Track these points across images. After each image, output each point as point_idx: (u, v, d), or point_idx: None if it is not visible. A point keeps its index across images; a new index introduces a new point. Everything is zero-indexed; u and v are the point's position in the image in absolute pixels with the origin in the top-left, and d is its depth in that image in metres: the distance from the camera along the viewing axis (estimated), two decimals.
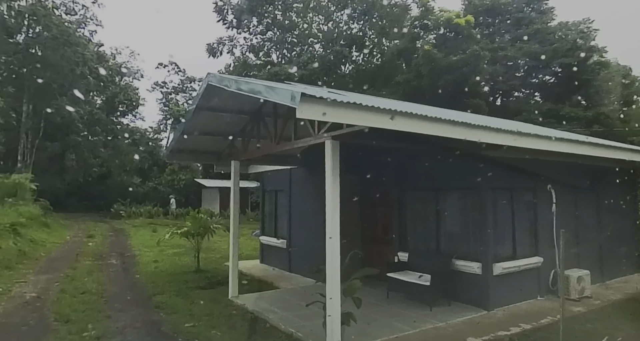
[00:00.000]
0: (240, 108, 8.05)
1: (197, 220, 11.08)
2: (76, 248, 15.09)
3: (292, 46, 34.62)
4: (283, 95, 4.81)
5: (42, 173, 34.51)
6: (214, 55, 34.64)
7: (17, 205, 18.43)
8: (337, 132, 5.57)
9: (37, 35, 28.38)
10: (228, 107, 8.05)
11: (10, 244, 12.01)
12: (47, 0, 28.71)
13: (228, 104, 7.89)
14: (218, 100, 7.72)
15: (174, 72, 44.01)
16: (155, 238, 18.56)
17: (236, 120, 8.60)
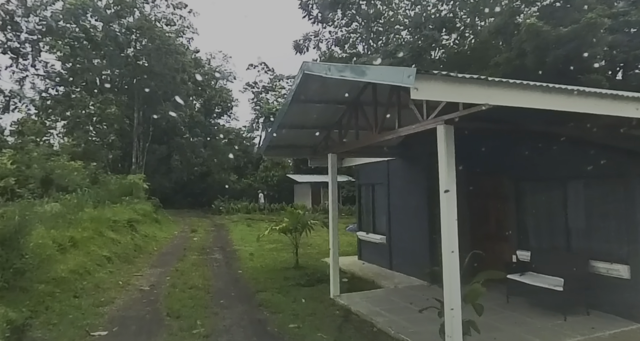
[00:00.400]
0: (337, 97, 7.63)
1: (294, 216, 10.97)
2: (183, 243, 15.99)
3: (377, 35, 33.76)
4: (393, 74, 4.25)
5: (153, 173, 37.77)
6: (301, 51, 35.06)
7: (132, 203, 20.13)
8: (452, 115, 4.84)
9: (143, 47, 30.93)
10: (324, 98, 7.68)
11: (128, 239, 13.00)
12: (150, 15, 31.17)
13: (324, 94, 7.52)
14: (314, 90, 7.37)
15: (264, 72, 45.54)
16: (252, 233, 19.13)
17: (332, 111, 8.21)
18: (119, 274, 9.73)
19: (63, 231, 9.86)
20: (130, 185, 22.43)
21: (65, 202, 13.91)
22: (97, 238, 11.00)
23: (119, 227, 13.49)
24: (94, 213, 13.20)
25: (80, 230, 10.73)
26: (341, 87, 7.27)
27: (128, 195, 21.44)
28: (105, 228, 12.47)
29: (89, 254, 9.62)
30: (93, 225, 11.64)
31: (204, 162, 39.20)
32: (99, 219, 12.59)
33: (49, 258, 7.91)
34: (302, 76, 7.03)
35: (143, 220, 18.11)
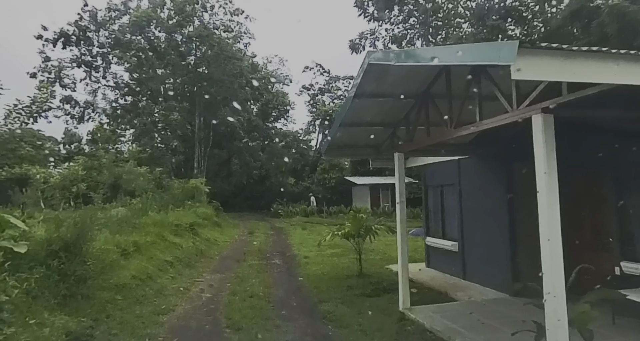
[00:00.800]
0: (405, 90, 6.91)
1: (357, 221, 10.31)
2: (243, 247, 15.88)
3: (436, 30, 32.37)
4: (484, 52, 3.51)
5: (214, 177, 38.75)
6: (357, 51, 34.40)
7: (194, 206, 20.47)
8: (552, 102, 4.00)
9: (203, 55, 31.78)
10: (390, 91, 6.99)
11: (190, 243, 13.01)
12: (209, 23, 31.97)
13: (390, 87, 6.83)
14: (379, 83, 6.71)
15: (319, 73, 45.39)
16: (311, 237, 18.72)
17: (399, 106, 7.51)
18: (180, 279, 9.60)
19: (127, 236, 9.91)
20: (192, 189, 22.89)
21: (130, 206, 14.24)
22: (160, 243, 11.01)
23: (181, 231, 13.56)
24: (157, 217, 13.35)
25: (144, 234, 10.77)
26: (410, 78, 6.56)
27: (190, 199, 21.86)
28: (168, 232, 12.54)
29: (151, 259, 9.58)
30: (156, 229, 11.70)
31: (262, 166, 39.66)
32: (162, 223, 12.68)
33: (112, 264, 7.86)
34: (367, 67, 6.38)
35: (204, 223, 18.28)
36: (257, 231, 22.40)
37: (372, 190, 34.69)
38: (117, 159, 22.23)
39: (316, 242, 16.94)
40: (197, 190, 23.20)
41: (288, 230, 22.70)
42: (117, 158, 22.85)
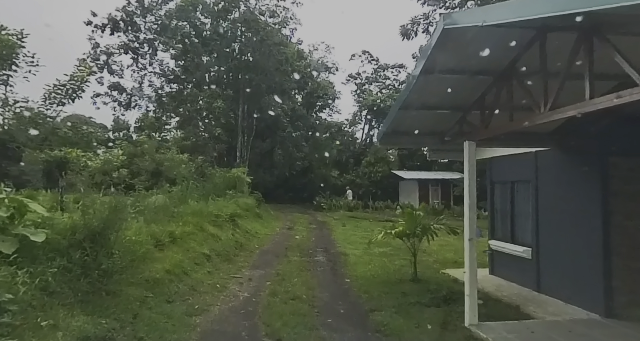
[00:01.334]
0: (484, 65, 5.72)
1: (413, 219, 9.14)
2: (285, 241, 15.10)
3: None
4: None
5: (256, 168, 38.34)
6: (408, 37, 32.75)
7: (235, 196, 19.95)
8: None
9: (248, 41, 31.21)
10: (465, 66, 5.82)
11: (229, 235, 12.34)
12: (255, 8, 31.30)
13: (466, 60, 5.66)
14: (453, 55, 5.57)
15: (367, 62, 43.89)
16: (357, 233, 17.71)
17: (473, 85, 6.32)
18: (217, 275, 8.86)
19: (164, 225, 9.29)
20: (233, 178, 22.42)
21: (170, 194, 13.78)
22: (198, 234, 10.36)
23: (220, 221, 12.92)
24: (197, 206, 12.77)
25: (181, 224, 10.15)
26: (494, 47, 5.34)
27: (231, 189, 21.39)
28: (207, 222, 11.90)
29: (187, 251, 8.90)
30: (195, 219, 11.08)
31: (305, 157, 38.90)
32: (201, 213, 12.07)
33: (144, 257, 7.19)
34: (441, 35, 5.23)
35: (245, 214, 17.70)
36: (299, 224, 21.63)
37: (420, 186, 33.13)
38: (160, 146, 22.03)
39: (362, 238, 15.96)
40: (239, 180, 22.70)
41: (331, 224, 21.78)
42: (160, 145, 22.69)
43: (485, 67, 5.87)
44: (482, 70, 5.95)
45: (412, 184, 33.69)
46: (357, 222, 23.07)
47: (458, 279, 9.54)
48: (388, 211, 28.99)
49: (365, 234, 17.14)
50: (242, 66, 31.62)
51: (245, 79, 31.16)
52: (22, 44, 8.42)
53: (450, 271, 10.24)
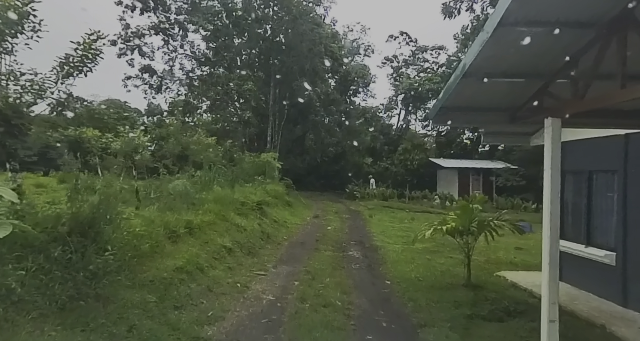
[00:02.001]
0: (584, 11, 4.22)
1: (468, 213, 7.67)
2: (316, 232, 13.91)
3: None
4: None
5: (287, 154, 37.28)
6: (450, 15, 30.74)
7: (264, 183, 18.91)
8: None
9: (280, 20, 29.82)
10: (553, 14, 4.30)
11: (255, 225, 11.24)
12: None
13: (556, 7, 4.17)
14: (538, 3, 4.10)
15: (405, 43, 41.65)
16: (394, 225, 16.34)
17: (563, 43, 4.76)
18: (239, 272, 7.74)
19: (181, 214, 8.26)
20: (263, 164, 21.38)
21: (193, 179, 12.81)
22: (219, 224, 9.27)
23: (246, 210, 11.83)
24: (221, 192, 11.72)
25: (201, 213, 9.10)
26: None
27: (261, 175, 20.37)
28: (231, 211, 10.82)
29: (206, 244, 7.82)
30: (217, 207, 10.00)
31: (338, 143, 37.52)
32: (225, 200, 11.00)
33: (152, 251, 6.13)
34: None
35: (274, 202, 16.61)
36: (331, 213, 20.42)
37: (460, 175, 31.20)
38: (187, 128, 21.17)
39: (400, 231, 14.60)
40: (269, 166, 21.64)
41: (365, 214, 20.43)
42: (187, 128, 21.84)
43: (586, 15, 4.34)
44: (582, 19, 4.43)
45: (451, 173, 31.80)
46: (392, 212, 21.64)
47: (518, 284, 8.10)
48: (425, 201, 27.35)
49: (404, 226, 15.76)
50: (273, 48, 30.32)
51: (276, 62, 29.92)
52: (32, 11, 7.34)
53: (506, 274, 8.77)
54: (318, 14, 31.25)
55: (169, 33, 32.92)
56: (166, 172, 14.87)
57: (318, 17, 31.14)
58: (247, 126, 29.81)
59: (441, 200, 26.46)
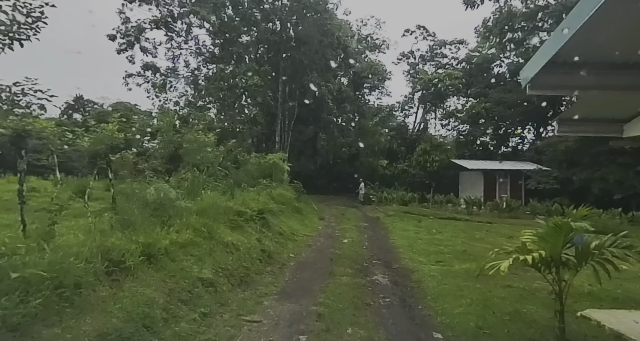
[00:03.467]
0: None
1: (559, 233, 5.03)
2: (329, 247, 11.46)
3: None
4: None
5: (298, 155, 35.04)
6: (473, 5, 28.29)
7: (270, 187, 16.57)
8: None
9: (289, 9, 27.52)
10: None
11: (252, 242, 8.83)
12: None
13: None
14: None
15: (422, 38, 39.05)
16: (421, 236, 13.82)
17: None
18: (218, 320, 5.30)
19: (146, 232, 5.92)
20: (270, 165, 19.04)
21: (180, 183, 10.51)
22: (201, 244, 6.88)
23: (243, 221, 9.45)
24: (212, 200, 9.35)
25: (177, 229, 6.73)
26: None
27: (267, 178, 18.04)
28: (222, 224, 8.47)
29: (172, 278, 5.42)
30: (202, 220, 7.64)
31: (351, 143, 35.05)
32: (215, 210, 8.65)
33: (59, 306, 3.75)
34: None
35: (281, 210, 14.25)
36: (346, 221, 17.97)
37: (486, 177, 28.49)
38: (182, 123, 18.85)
39: (431, 244, 12.09)
40: (276, 167, 19.30)
41: (385, 222, 17.92)
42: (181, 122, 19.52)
43: None
44: None
45: (476, 175, 29.13)
46: (416, 219, 19.07)
47: (623, 335, 5.55)
48: (450, 207, 24.70)
49: (434, 239, 13.24)
50: (282, 41, 27.98)
51: (285, 56, 27.59)
52: None
53: (595, 315, 6.18)
54: (330, 3, 28.82)
55: (171, 27, 30.91)
56: (153, 174, 12.63)
57: (330, 7, 28.70)
58: (254, 125, 27.45)
59: (468, 205, 23.79)
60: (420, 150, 33.85)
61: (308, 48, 27.70)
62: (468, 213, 23.10)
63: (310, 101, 29.98)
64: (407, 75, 40.22)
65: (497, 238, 14.38)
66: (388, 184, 33.28)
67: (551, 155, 27.39)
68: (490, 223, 19.44)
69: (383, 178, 35.01)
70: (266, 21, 29.17)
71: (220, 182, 14.14)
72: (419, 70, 38.86)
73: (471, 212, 23.30)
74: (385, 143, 36.95)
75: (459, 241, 13.10)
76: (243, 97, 27.87)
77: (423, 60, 39.80)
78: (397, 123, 39.96)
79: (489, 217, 21.98)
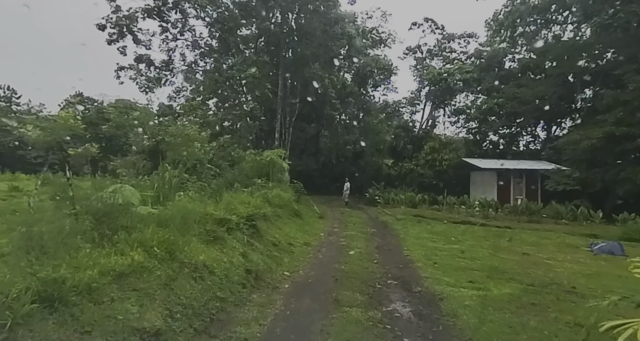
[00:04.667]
0: None
1: None
2: (333, 261, 9.49)
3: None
4: None
5: (300, 154, 33.13)
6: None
7: (266, 187, 14.65)
8: None
9: None
10: None
11: (235, 259, 6.87)
12: None
13: None
14: None
15: (430, 31, 37.02)
16: (441, 246, 11.89)
17: None
18: None
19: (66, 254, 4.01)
20: (266, 163, 17.11)
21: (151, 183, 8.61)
22: (156, 268, 4.94)
23: (224, 232, 7.51)
24: (186, 205, 7.42)
25: (120, 249, 4.81)
26: None
27: (263, 177, 16.13)
28: (195, 236, 6.53)
29: (85, 335, 3.51)
30: (164, 232, 5.71)
31: (356, 141, 33.10)
32: (186, 218, 6.70)
33: None
34: None
35: (277, 213, 12.35)
36: (352, 226, 16.01)
37: (500, 178, 26.46)
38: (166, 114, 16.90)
39: (455, 256, 10.13)
40: (274, 165, 17.36)
41: (396, 227, 15.94)
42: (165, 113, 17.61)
43: None
44: None
45: (489, 175, 27.09)
46: (428, 224, 17.13)
47: None
48: (462, 209, 22.68)
49: (455, 249, 11.30)
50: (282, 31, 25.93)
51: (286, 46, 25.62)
52: None
53: None
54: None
55: (165, 16, 29.01)
56: (128, 172, 10.74)
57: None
58: (252, 120, 25.43)
59: (483, 207, 21.81)
60: (428, 148, 31.90)
61: (310, 39, 25.74)
62: (483, 216, 21.12)
63: (312, 98, 28.04)
64: (414, 70, 38.23)
65: (524, 247, 12.51)
66: (394, 184, 31.34)
67: (571, 153, 25.30)
68: (510, 229, 17.47)
69: (388, 178, 33.06)
70: (266, 10, 27.20)
71: (208, 182, 12.31)
72: (426, 66, 36.83)
73: (487, 215, 21.31)
74: (391, 142, 34.96)
75: (484, 252, 11.15)
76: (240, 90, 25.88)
77: (430, 55, 37.80)
78: (404, 121, 37.94)
79: (506, 220, 19.97)
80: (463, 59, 37.83)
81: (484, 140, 35.60)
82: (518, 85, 31.62)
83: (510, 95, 31.36)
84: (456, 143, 33.35)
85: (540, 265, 10.02)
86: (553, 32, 33.13)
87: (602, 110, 25.03)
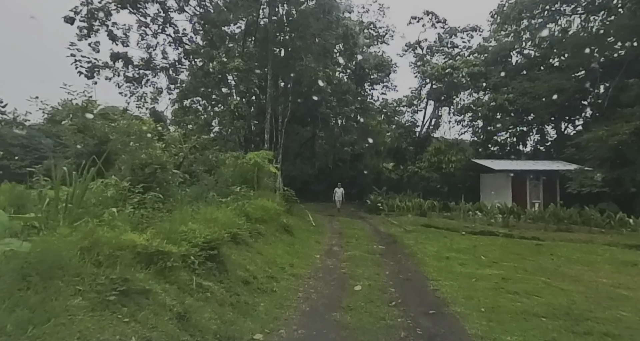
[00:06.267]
0: None
1: None
2: (331, 308, 6.51)
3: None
4: None
5: (294, 158, 30.35)
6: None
7: (247, 196, 11.79)
8: None
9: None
10: None
11: (163, 326, 4.06)
12: None
13: None
14: None
15: (430, 25, 34.39)
16: (470, 270, 9.05)
17: None
18: None
19: None
20: (250, 167, 14.26)
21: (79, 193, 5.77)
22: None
23: (147, 278, 4.63)
24: (90, 229, 4.57)
25: None
26: None
27: (244, 184, 13.28)
28: (83, 293, 3.67)
29: None
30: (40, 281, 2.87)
31: (354, 142, 30.35)
32: (57, 261, 3.86)
33: None
34: None
35: (257, 231, 9.48)
36: (354, 242, 13.15)
37: (515, 180, 23.70)
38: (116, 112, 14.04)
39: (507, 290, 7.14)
40: (259, 170, 14.48)
41: (408, 243, 13.02)
42: None
43: None
44: None
45: (502, 178, 24.28)
46: (445, 236, 14.29)
47: None
48: (480, 216, 19.81)
49: (494, 275, 8.45)
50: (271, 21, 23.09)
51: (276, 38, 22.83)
52: None
53: None
54: None
55: (141, 8, 26.26)
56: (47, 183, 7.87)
57: None
58: (238, 119, 22.48)
59: (503, 215, 19.02)
60: (433, 149, 29.15)
61: (302, 29, 22.96)
62: (503, 224, 18.36)
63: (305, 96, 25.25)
64: (414, 67, 35.50)
65: (574, 268, 9.76)
66: (396, 189, 28.54)
67: (596, 152, 22.55)
68: (539, 240, 14.73)
69: (389, 183, 30.33)
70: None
71: (172, 193, 9.54)
72: (427, 62, 34.16)
73: (507, 223, 18.53)
74: (392, 143, 32.24)
75: (535, 280, 8.32)
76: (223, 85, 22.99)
77: (431, 51, 35.10)
78: (405, 121, 35.25)
79: (531, 229, 17.19)
80: (466, 54, 35.24)
81: (491, 139, 32.94)
82: (529, 79, 29.05)
83: (521, 90, 28.75)
84: (462, 143, 30.66)
85: (619, 299, 7.22)
86: (560, 25, 30.74)
87: (628, 102, 22.45)
